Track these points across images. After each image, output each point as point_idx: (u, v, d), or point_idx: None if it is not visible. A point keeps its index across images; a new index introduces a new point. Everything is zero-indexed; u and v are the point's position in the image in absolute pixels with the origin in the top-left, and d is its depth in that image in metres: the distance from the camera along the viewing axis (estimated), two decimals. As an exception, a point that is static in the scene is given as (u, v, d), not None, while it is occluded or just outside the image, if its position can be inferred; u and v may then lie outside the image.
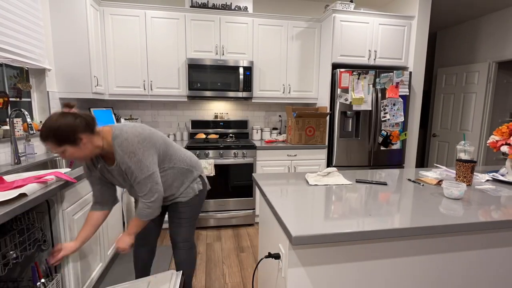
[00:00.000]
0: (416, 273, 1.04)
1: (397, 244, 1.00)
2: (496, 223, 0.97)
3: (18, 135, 1.94)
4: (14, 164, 1.79)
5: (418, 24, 2.94)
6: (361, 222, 0.94)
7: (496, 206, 1.11)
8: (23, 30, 1.96)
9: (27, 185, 1.25)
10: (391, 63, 2.99)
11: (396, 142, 2.96)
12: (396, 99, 2.89)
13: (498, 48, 3.56)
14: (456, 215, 1.01)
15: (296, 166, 2.93)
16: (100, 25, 2.63)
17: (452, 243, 1.04)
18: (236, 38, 2.91)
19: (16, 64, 1.99)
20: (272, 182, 1.42)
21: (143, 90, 2.83)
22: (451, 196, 1.19)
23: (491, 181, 1.50)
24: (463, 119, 3.99)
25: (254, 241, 2.59)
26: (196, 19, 2.80)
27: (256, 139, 3.28)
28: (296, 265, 0.95)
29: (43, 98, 2.28)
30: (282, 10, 3.36)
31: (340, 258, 0.97)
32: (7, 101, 1.95)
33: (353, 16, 2.81)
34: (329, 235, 0.86)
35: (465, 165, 1.37)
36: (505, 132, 1.48)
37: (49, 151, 2.28)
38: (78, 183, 1.60)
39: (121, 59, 2.74)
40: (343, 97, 2.82)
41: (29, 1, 2.03)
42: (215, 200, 2.80)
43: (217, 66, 2.82)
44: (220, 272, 2.12)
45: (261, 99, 3.07)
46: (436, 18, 3.87)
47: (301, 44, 3.06)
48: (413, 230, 0.91)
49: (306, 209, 1.06)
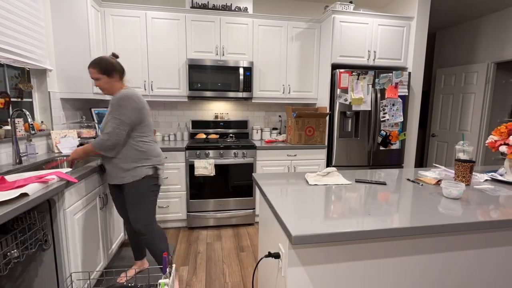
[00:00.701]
0: (415, 272, 1.05)
1: (396, 244, 1.01)
2: (495, 223, 0.98)
3: (20, 135, 1.94)
4: (16, 164, 1.80)
5: (417, 24, 2.95)
6: (360, 221, 0.95)
7: (494, 205, 1.12)
8: (24, 30, 1.96)
9: (29, 185, 1.26)
10: (390, 63, 3.00)
11: (395, 142, 2.97)
12: (395, 99, 2.90)
13: (497, 48, 3.58)
14: (455, 214, 1.01)
15: (296, 166, 2.94)
16: (101, 26, 2.63)
17: (450, 243, 1.05)
18: (236, 39, 2.92)
19: (18, 65, 2.00)
20: (272, 182, 1.42)
21: (144, 90, 2.83)
22: (450, 195, 1.20)
23: (489, 181, 1.51)
24: (462, 119, 4.00)
25: (254, 241, 2.60)
26: (197, 19, 2.81)
27: (256, 139, 3.29)
28: (296, 265, 0.95)
29: (44, 98, 2.29)
30: (281, 11, 3.37)
31: (340, 257, 0.98)
32: (9, 101, 1.95)
33: (352, 16, 2.82)
34: (329, 234, 0.87)
35: (464, 165, 1.38)
36: (503, 132, 1.49)
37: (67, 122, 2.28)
38: (79, 183, 1.61)
39: (122, 59, 2.74)
40: (342, 97, 2.83)
41: (31, 2, 2.04)
42: (215, 200, 2.81)
43: (217, 67, 2.82)
44: (220, 271, 2.12)
45: (261, 99, 3.08)
46: (435, 18, 3.89)
47: (301, 44, 3.07)
48: (412, 229, 0.92)
49: (306, 208, 1.06)
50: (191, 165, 2.69)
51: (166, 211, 2.76)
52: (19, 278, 1.46)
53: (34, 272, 1.46)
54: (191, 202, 2.77)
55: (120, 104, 1.59)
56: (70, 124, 2.61)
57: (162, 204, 2.75)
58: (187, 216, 2.80)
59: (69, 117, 2.61)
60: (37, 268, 1.46)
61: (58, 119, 2.42)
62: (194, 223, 2.81)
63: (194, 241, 2.59)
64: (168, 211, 2.77)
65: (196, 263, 2.23)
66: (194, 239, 2.62)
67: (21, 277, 1.46)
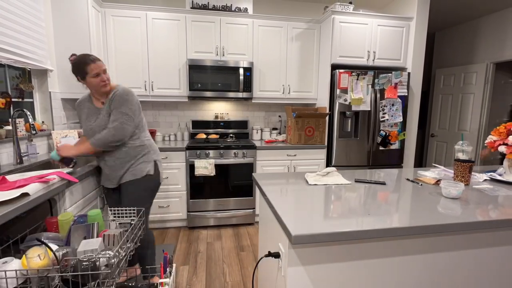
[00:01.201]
0: (415, 271, 1.05)
1: (396, 243, 1.01)
2: (494, 223, 0.98)
3: (21, 135, 1.95)
4: (17, 164, 1.80)
5: (417, 25, 2.96)
6: (360, 221, 0.95)
7: (493, 205, 1.12)
8: (25, 31, 1.97)
9: (29, 184, 1.25)
10: (389, 63, 3.01)
11: (394, 142, 2.99)
12: (394, 99, 2.91)
13: (496, 49, 3.59)
14: (454, 214, 1.02)
15: (296, 166, 2.95)
16: (101, 26, 2.64)
17: (450, 242, 1.06)
18: (236, 39, 2.93)
19: (19, 65, 2.00)
20: (271, 182, 1.43)
21: (144, 91, 2.84)
22: (449, 195, 1.20)
23: (489, 180, 1.51)
24: (461, 120, 4.02)
25: (254, 240, 2.61)
26: (197, 20, 2.82)
27: (256, 139, 3.30)
28: (296, 264, 0.96)
29: (45, 99, 2.30)
30: (281, 11, 3.37)
31: (339, 257, 0.98)
32: (10, 102, 1.95)
33: (352, 17, 2.83)
34: (328, 234, 0.87)
35: (463, 165, 1.38)
36: (502, 132, 1.49)
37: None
38: (79, 183, 1.62)
39: (122, 60, 2.76)
40: (342, 97, 2.84)
41: (31, 3, 2.04)
42: (215, 200, 2.82)
43: (217, 67, 2.83)
44: (221, 271, 2.13)
45: (261, 99, 3.09)
46: (435, 19, 3.90)
47: (301, 45, 3.08)
48: (411, 229, 0.92)
49: (306, 208, 1.07)
50: (192, 165, 2.70)
51: (166, 210, 2.77)
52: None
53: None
54: (191, 202, 2.78)
55: (126, 98, 1.55)
56: (71, 124, 2.62)
57: (162, 204, 2.76)
58: (187, 216, 2.81)
59: (69, 117, 2.61)
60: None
61: (59, 119, 2.43)
62: (195, 222, 2.82)
63: (195, 240, 2.60)
64: (169, 211, 2.78)
65: (196, 262, 2.24)
66: (194, 239, 2.63)
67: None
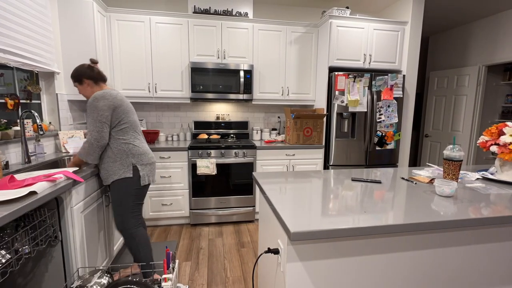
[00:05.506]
0: (410, 267, 1.07)
1: (391, 240, 1.03)
2: (486, 220, 1.00)
3: (29, 135, 1.99)
4: (25, 163, 1.84)
5: (411, 29, 3.04)
6: (356, 218, 0.96)
7: (485, 203, 1.13)
8: (33, 35, 2.01)
9: (37, 183, 1.27)
10: (385, 66, 3.09)
11: (390, 142, 3.05)
12: (390, 101, 2.98)
13: (488, 52, 3.69)
14: (448, 212, 1.03)
15: (295, 165, 3.03)
16: (106, 30, 2.70)
17: (443, 239, 1.08)
18: (237, 43, 3.00)
19: (27, 68, 2.04)
20: (271, 181, 1.45)
21: (148, 93, 2.90)
22: (443, 194, 1.22)
23: (481, 179, 1.53)
24: (454, 120, 4.11)
25: (254, 237, 2.68)
26: (199, 24, 2.89)
27: (256, 139, 3.37)
28: (294, 260, 0.97)
29: (52, 100, 2.35)
30: (281, 16, 3.45)
31: (337, 253, 1.00)
32: (18, 103, 1.99)
33: (349, 21, 2.91)
34: (326, 231, 0.88)
35: (454, 163, 1.39)
36: (494, 132, 1.51)
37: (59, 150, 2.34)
38: (85, 182, 1.65)
39: (127, 62, 2.81)
40: (339, 99, 2.92)
41: (39, 8, 2.09)
42: (216, 198, 2.89)
43: (218, 70, 2.90)
44: (222, 267, 2.19)
45: (261, 101, 3.16)
46: (428, 23, 3.98)
47: (299, 48, 3.15)
48: (406, 226, 0.93)
49: (304, 206, 1.08)
50: (194, 164, 2.76)
51: (169, 208, 2.84)
52: (29, 273, 1.49)
53: (43, 267, 1.49)
54: (193, 200, 2.84)
55: (94, 105, 1.60)
56: (77, 125, 2.67)
57: (166, 202, 2.82)
58: (189, 213, 2.88)
59: (76, 118, 2.66)
60: (46, 263, 1.49)
61: (66, 120, 2.47)
62: (197, 220, 2.89)
63: (197, 237, 2.66)
64: (172, 209, 2.84)
65: (198, 258, 2.30)
66: (196, 236, 2.69)
67: (31, 272, 1.49)
